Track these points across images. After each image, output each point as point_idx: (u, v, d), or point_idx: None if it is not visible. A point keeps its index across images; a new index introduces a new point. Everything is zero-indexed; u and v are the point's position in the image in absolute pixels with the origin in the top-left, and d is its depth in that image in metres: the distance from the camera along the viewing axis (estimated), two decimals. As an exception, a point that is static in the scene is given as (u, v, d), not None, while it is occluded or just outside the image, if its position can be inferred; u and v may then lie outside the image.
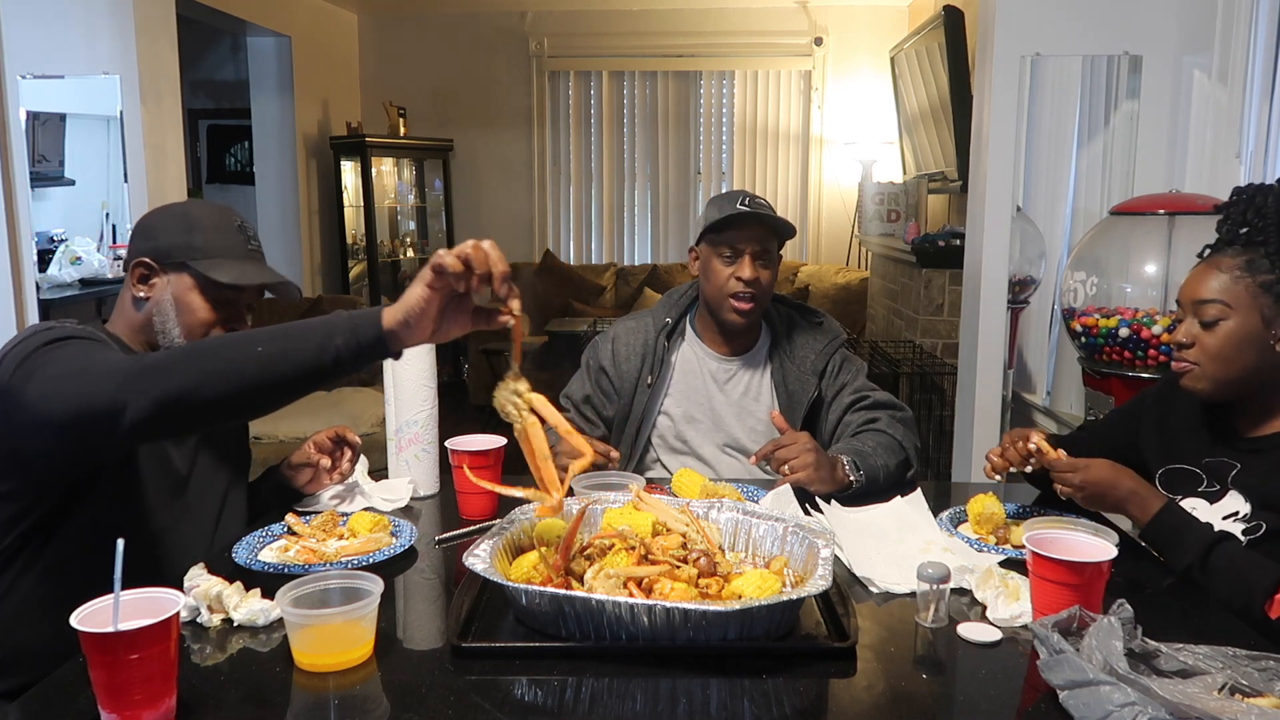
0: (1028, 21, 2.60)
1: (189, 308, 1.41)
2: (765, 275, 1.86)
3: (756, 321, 1.95)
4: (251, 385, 1.13)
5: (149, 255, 1.42)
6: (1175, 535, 1.35)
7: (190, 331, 1.42)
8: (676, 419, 1.94)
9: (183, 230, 1.42)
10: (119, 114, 2.80)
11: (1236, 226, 1.41)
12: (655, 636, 1.07)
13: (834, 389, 1.92)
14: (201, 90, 6.43)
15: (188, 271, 1.41)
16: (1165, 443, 1.55)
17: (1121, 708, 0.87)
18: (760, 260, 1.85)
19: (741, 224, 1.84)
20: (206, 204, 1.52)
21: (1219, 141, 2.45)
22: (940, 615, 1.17)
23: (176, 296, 1.41)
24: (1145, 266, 2.32)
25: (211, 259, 1.41)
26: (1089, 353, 2.33)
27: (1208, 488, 1.46)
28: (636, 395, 1.93)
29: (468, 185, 6.56)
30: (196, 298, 1.41)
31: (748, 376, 1.95)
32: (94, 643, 0.91)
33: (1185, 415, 1.53)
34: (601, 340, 2.01)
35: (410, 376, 1.69)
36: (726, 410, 1.94)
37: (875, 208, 5.07)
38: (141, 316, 1.43)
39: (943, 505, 1.58)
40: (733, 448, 1.94)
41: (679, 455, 1.95)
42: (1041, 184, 3.33)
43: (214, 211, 1.48)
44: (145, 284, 1.43)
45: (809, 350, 1.94)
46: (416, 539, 1.46)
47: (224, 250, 1.43)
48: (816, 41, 6.21)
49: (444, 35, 6.42)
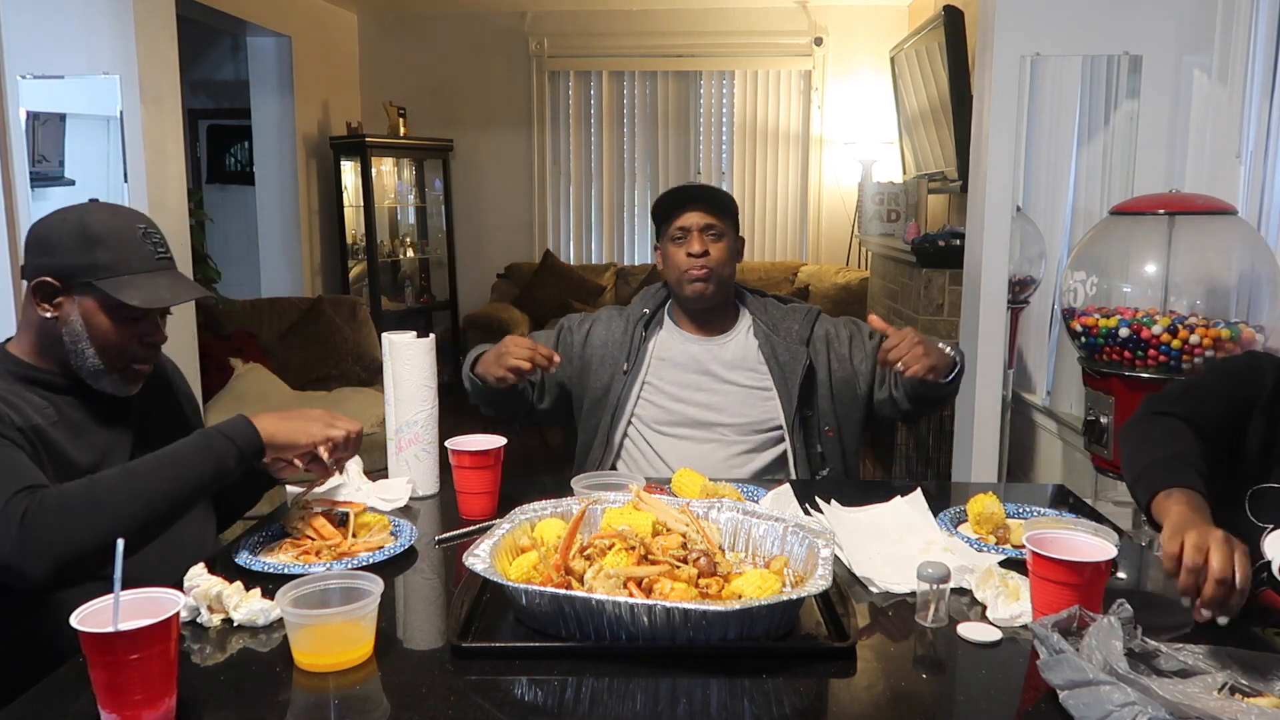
0: (1028, 21, 2.60)
1: (100, 330, 1.33)
2: (717, 249, 1.92)
3: (722, 301, 1.99)
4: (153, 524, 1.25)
5: (51, 274, 1.32)
6: None
7: (105, 352, 1.34)
8: (660, 401, 1.96)
9: (82, 246, 1.31)
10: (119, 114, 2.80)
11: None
12: (655, 636, 1.07)
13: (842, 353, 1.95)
14: (201, 90, 6.43)
15: (93, 294, 1.32)
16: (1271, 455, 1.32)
17: (1121, 708, 0.87)
18: (709, 234, 1.92)
19: (681, 203, 1.93)
20: (105, 211, 1.38)
21: (1219, 141, 2.44)
22: (940, 615, 1.17)
23: (86, 318, 1.33)
24: (1145, 266, 2.32)
25: (118, 276, 1.32)
26: (1089, 353, 2.33)
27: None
28: (613, 382, 1.96)
29: (468, 185, 6.55)
30: (106, 319, 1.33)
31: (732, 352, 1.98)
32: (94, 643, 0.91)
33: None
34: (583, 317, 2.06)
35: (410, 376, 1.69)
36: (714, 386, 1.95)
37: (875, 208, 5.07)
38: (49, 337, 1.34)
39: (943, 505, 1.58)
40: (721, 424, 1.95)
41: (665, 437, 1.96)
42: (1041, 184, 3.33)
43: (114, 220, 1.36)
44: (50, 303, 1.33)
45: (791, 322, 1.99)
46: (416, 539, 1.46)
47: (130, 264, 1.33)
48: (816, 41, 6.21)
49: (444, 35, 6.42)
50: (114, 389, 1.38)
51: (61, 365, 1.36)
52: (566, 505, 1.35)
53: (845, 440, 1.96)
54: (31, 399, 1.32)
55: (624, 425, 1.96)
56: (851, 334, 2.00)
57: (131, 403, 1.44)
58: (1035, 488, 2.42)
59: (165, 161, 2.94)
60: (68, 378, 1.37)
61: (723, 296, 1.97)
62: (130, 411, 1.45)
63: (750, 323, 2.01)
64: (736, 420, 1.94)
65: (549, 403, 1.98)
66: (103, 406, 1.40)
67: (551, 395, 1.99)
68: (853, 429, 1.96)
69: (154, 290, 1.34)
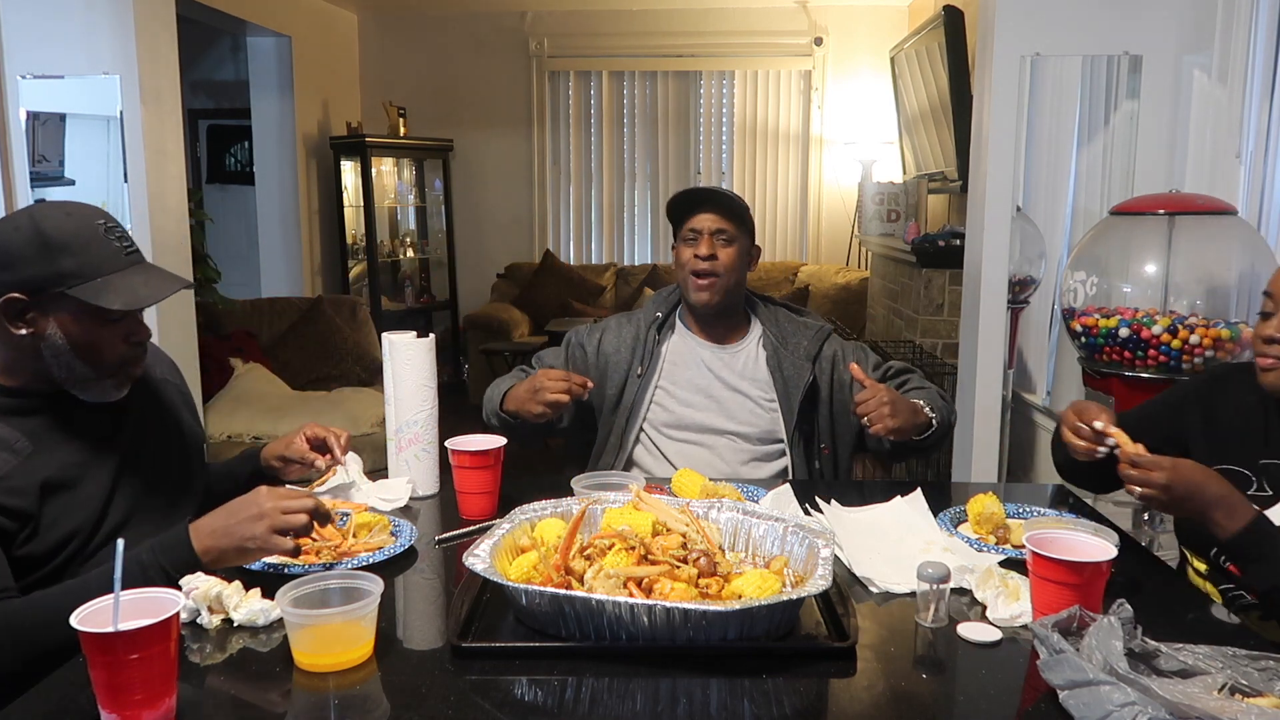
0: (1028, 21, 2.60)
1: (83, 339, 1.26)
2: (726, 254, 1.91)
3: (731, 308, 1.98)
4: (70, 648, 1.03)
5: (16, 290, 1.23)
6: (1267, 549, 1.22)
7: (93, 360, 1.28)
8: (670, 406, 1.96)
9: (44, 255, 1.22)
10: (119, 114, 2.80)
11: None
12: (655, 636, 1.07)
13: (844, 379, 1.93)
14: (201, 90, 6.43)
15: (67, 303, 1.24)
16: (1215, 442, 1.45)
17: (1121, 708, 0.87)
18: (720, 238, 1.91)
19: (694, 204, 1.93)
20: (58, 212, 1.27)
21: (1219, 141, 2.44)
22: (940, 615, 1.17)
23: (64, 329, 1.25)
24: (1145, 266, 2.32)
25: (90, 281, 1.24)
26: (1089, 353, 2.33)
27: (1258, 491, 1.37)
28: (627, 385, 1.96)
29: (468, 185, 6.55)
30: (87, 327, 1.26)
31: (742, 362, 1.98)
32: (94, 643, 0.91)
33: (1238, 414, 1.43)
34: (590, 328, 2.06)
35: (410, 376, 1.69)
36: (723, 394, 1.95)
37: (875, 208, 5.07)
38: (22, 355, 1.27)
39: (943, 505, 1.58)
40: (730, 432, 1.95)
41: (674, 442, 1.96)
42: (1041, 184, 3.32)
43: (71, 221, 1.26)
44: (22, 320, 1.24)
45: (800, 337, 1.98)
46: (416, 539, 1.46)
47: (100, 266, 1.25)
48: (816, 41, 6.20)
49: (444, 35, 6.42)
50: (107, 395, 1.34)
51: (36, 379, 1.30)
52: (566, 505, 1.35)
53: (839, 460, 1.96)
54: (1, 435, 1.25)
55: (637, 428, 1.96)
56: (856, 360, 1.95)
57: (106, 407, 1.37)
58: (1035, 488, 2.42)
59: (165, 161, 2.94)
60: (40, 395, 1.31)
61: (729, 303, 1.96)
62: (106, 416, 1.38)
63: (761, 334, 1.99)
64: (744, 429, 1.94)
65: (568, 420, 1.96)
66: (78, 417, 1.34)
67: (571, 414, 1.96)
68: (846, 451, 1.97)
69: (132, 290, 1.27)
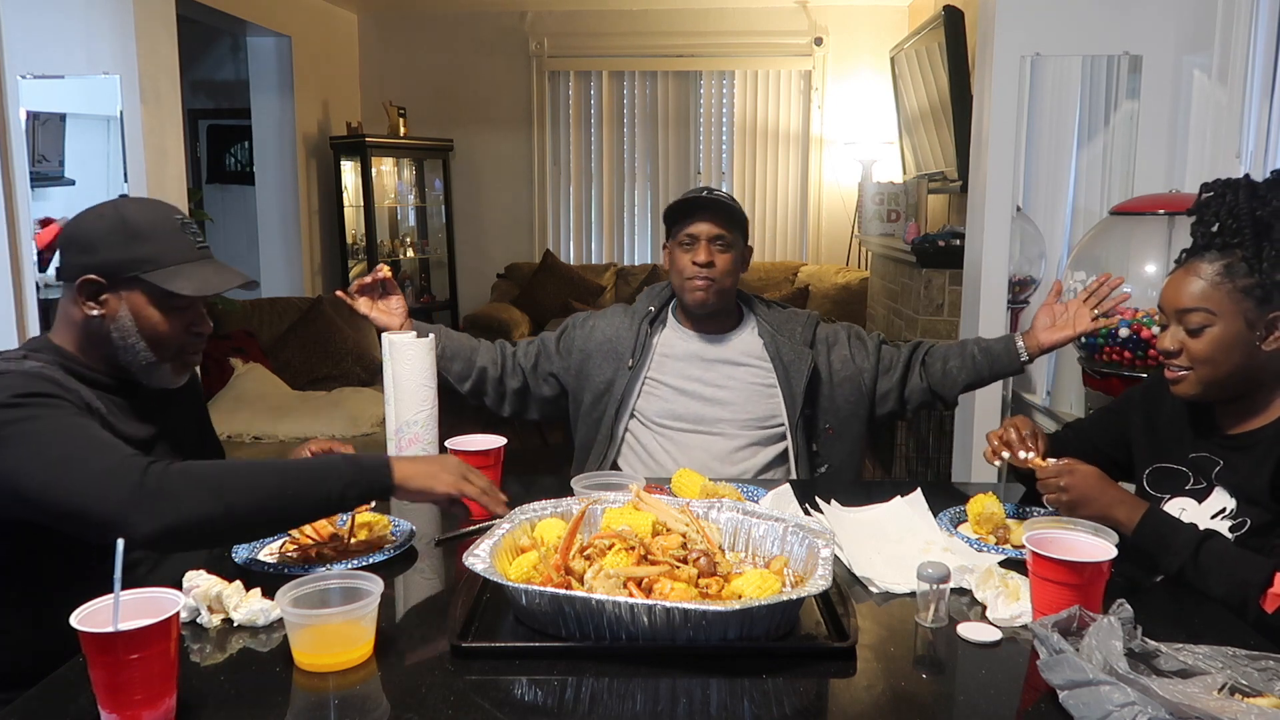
0: (1028, 21, 2.60)
1: (151, 323, 1.34)
2: (723, 260, 1.94)
3: (724, 307, 2.01)
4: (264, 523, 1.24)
5: (95, 272, 1.32)
6: (1162, 538, 1.33)
7: (157, 345, 1.36)
8: (664, 396, 1.98)
9: (125, 241, 1.32)
10: (119, 114, 2.80)
11: (1208, 226, 1.39)
12: (655, 636, 1.07)
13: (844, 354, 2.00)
14: (201, 90, 6.42)
15: (142, 286, 1.33)
16: (1153, 442, 1.56)
17: (1121, 708, 0.87)
18: (718, 244, 1.93)
19: (692, 211, 1.95)
20: (141, 204, 1.39)
21: (1219, 141, 2.44)
22: (940, 615, 1.17)
23: (135, 312, 1.33)
24: (1145, 266, 2.32)
25: (164, 268, 1.33)
26: (1089, 353, 2.33)
27: (1194, 485, 1.46)
28: (616, 377, 1.98)
29: (468, 185, 6.55)
30: (157, 312, 1.34)
31: (737, 346, 2.01)
32: (94, 643, 0.91)
33: (1171, 414, 1.54)
34: (588, 314, 2.11)
35: (410, 376, 1.69)
36: (715, 384, 1.97)
37: (875, 208, 5.07)
38: (97, 334, 1.34)
39: (943, 505, 1.58)
40: (723, 419, 1.96)
41: (666, 432, 1.97)
42: (1041, 184, 3.32)
43: (152, 213, 1.37)
44: (95, 301, 1.33)
45: (794, 325, 2.02)
46: (416, 539, 1.46)
47: (174, 255, 1.34)
48: (816, 41, 6.20)
49: (444, 35, 6.42)
50: (166, 381, 1.40)
51: (106, 363, 1.37)
52: (566, 505, 1.35)
53: (846, 437, 2.00)
54: (83, 390, 1.32)
55: (626, 420, 1.98)
56: (850, 335, 2.06)
57: (159, 398, 1.44)
58: (1035, 488, 2.42)
59: (165, 161, 2.94)
60: (111, 376, 1.38)
61: (724, 303, 2.00)
62: (157, 407, 1.44)
63: (755, 323, 2.04)
64: (739, 415, 1.95)
65: (547, 392, 2.04)
66: (138, 403, 1.41)
67: (551, 387, 2.04)
68: (855, 425, 2.01)
69: (202, 278, 1.35)
